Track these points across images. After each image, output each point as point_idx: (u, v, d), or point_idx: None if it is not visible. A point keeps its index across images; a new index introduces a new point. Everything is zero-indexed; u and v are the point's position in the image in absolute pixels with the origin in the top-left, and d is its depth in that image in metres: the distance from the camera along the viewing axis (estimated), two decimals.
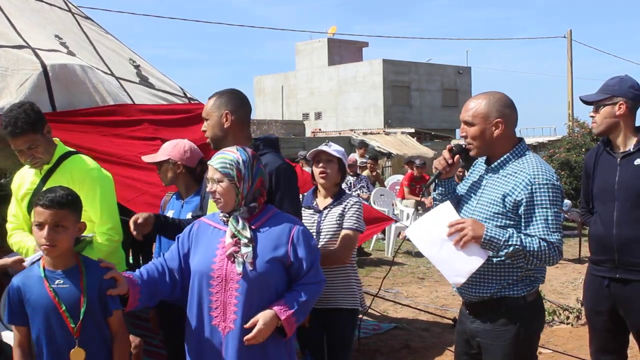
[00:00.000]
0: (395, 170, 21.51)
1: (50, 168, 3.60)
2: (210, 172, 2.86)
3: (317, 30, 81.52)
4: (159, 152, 4.08)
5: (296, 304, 2.79)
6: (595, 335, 3.89)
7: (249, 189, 2.84)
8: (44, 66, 4.65)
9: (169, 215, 4.01)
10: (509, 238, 2.87)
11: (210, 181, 2.85)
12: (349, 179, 12.12)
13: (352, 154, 13.94)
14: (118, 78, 5.33)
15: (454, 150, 3.16)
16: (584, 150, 14.95)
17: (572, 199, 13.01)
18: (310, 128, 38.57)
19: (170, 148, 4.06)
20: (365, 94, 43.98)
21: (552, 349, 5.70)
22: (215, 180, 2.83)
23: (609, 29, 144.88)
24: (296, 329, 2.87)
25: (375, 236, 10.73)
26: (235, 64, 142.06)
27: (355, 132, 28.51)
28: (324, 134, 30.59)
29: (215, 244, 2.85)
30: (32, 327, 2.81)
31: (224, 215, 2.87)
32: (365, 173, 13.20)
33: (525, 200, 2.93)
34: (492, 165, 3.10)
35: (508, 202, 2.96)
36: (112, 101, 4.96)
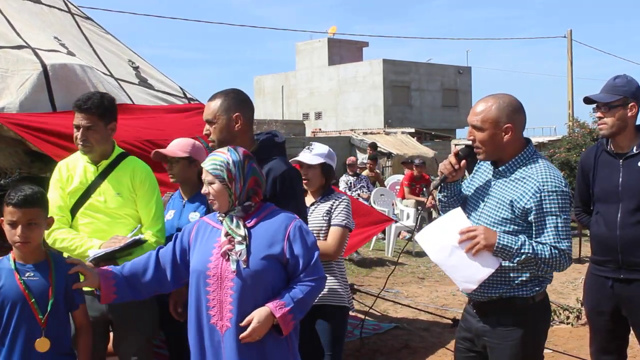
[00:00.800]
0: (396, 170, 21.48)
1: (109, 164, 3.61)
2: (203, 174, 2.88)
3: (317, 30, 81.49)
4: (176, 148, 4.03)
5: (292, 301, 2.78)
6: (596, 335, 3.89)
7: (241, 189, 2.85)
8: (44, 66, 4.65)
9: (170, 215, 4.01)
10: (522, 246, 2.86)
11: (204, 183, 2.88)
12: (349, 179, 12.13)
13: (351, 156, 13.97)
14: (117, 79, 5.33)
15: (460, 155, 3.13)
16: (584, 150, 14.93)
17: (572, 199, 13.00)
18: (310, 128, 38.53)
19: (189, 146, 4.03)
20: (365, 94, 43.95)
21: (552, 349, 5.69)
22: (208, 182, 2.85)
23: (609, 29, 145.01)
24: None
25: (375, 236, 10.73)
26: (235, 64, 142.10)
27: (355, 132, 28.46)
28: (324, 134, 30.56)
29: (212, 243, 2.87)
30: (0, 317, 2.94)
31: (221, 215, 2.89)
32: (365, 173, 13.21)
33: (534, 208, 2.91)
34: (500, 169, 3.07)
35: (517, 209, 2.94)
36: None
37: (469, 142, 3.13)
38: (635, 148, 3.69)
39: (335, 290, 3.95)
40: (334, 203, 3.99)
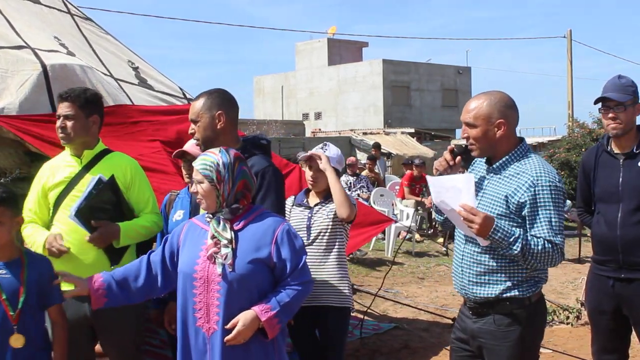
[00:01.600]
0: (395, 170, 21.48)
1: (93, 158, 3.61)
2: (194, 173, 2.88)
3: (317, 30, 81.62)
4: (198, 149, 3.99)
5: (278, 305, 2.76)
6: (598, 334, 3.90)
7: (229, 191, 2.84)
8: (44, 66, 4.64)
9: (179, 215, 3.92)
10: (514, 241, 2.86)
11: (194, 181, 2.88)
12: (349, 179, 12.14)
13: (351, 156, 13.98)
14: (117, 79, 5.33)
15: (455, 152, 3.14)
16: (583, 150, 14.95)
17: (572, 199, 13.00)
18: (310, 128, 38.56)
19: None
20: (365, 94, 43.97)
21: (552, 349, 5.70)
22: (197, 182, 2.85)
23: (609, 29, 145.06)
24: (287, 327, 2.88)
25: (375, 236, 10.73)
26: (235, 64, 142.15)
27: (355, 132, 28.48)
28: (324, 134, 30.57)
29: (199, 245, 2.87)
30: None
31: (208, 215, 2.89)
32: (364, 173, 13.21)
33: (528, 202, 2.91)
34: (494, 166, 3.08)
35: (511, 204, 2.95)
36: (112, 102, 4.96)
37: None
38: (635, 148, 3.71)
39: (341, 292, 3.96)
40: None
